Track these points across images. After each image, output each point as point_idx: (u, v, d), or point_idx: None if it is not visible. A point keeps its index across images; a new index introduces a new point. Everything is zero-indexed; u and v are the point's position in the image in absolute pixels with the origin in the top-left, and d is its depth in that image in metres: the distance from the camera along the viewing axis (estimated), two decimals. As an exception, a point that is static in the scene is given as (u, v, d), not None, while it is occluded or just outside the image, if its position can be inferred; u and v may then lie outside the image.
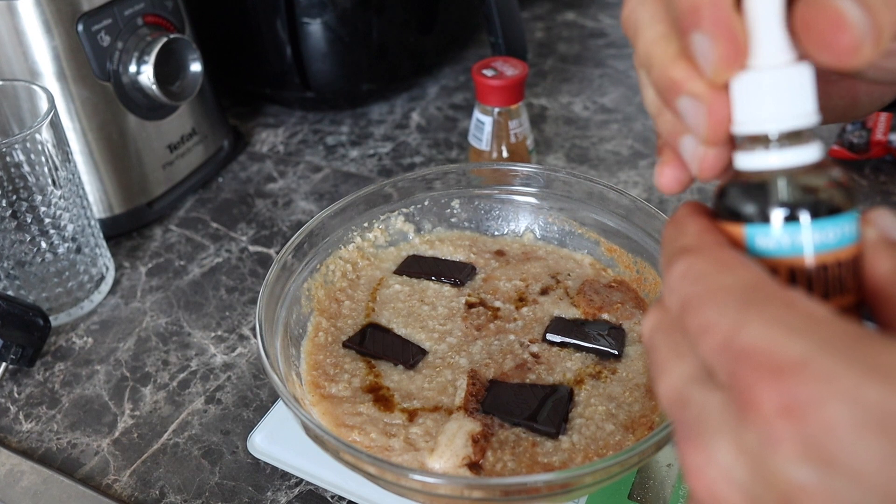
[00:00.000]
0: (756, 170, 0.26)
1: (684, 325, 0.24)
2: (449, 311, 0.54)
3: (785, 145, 0.26)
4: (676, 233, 0.27)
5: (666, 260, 0.27)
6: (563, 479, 0.37)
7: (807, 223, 0.25)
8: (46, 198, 0.61)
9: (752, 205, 0.26)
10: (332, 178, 0.82)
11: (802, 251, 0.25)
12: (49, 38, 0.65)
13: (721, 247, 0.25)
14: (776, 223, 0.25)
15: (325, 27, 0.83)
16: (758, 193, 0.26)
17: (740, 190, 0.26)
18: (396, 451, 0.44)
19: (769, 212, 0.25)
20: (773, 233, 0.25)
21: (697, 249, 0.26)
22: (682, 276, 0.25)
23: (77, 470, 0.54)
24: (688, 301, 0.24)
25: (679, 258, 0.26)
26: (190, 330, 0.64)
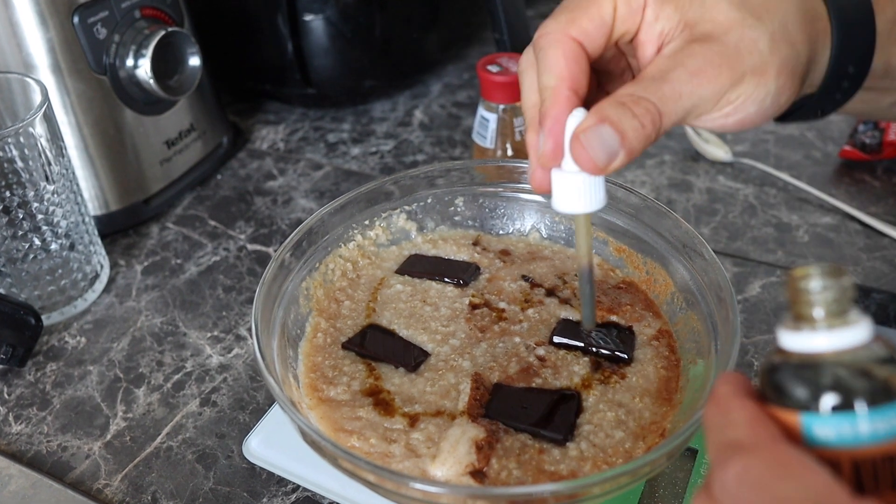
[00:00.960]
0: (805, 352, 0.25)
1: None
2: (452, 312, 0.52)
3: (833, 326, 0.25)
4: (724, 420, 0.26)
5: (716, 453, 0.25)
6: (571, 490, 0.36)
7: (868, 411, 0.24)
8: (39, 193, 0.59)
9: (804, 390, 0.25)
10: (332, 175, 0.81)
11: (865, 441, 0.24)
12: (44, 29, 0.63)
13: (778, 444, 0.24)
14: (834, 412, 0.24)
15: (326, 22, 0.81)
16: (810, 378, 0.25)
17: (791, 373, 0.25)
18: (397, 457, 0.42)
19: (826, 399, 0.24)
20: (833, 422, 0.24)
21: (753, 447, 0.24)
22: (740, 480, 0.24)
23: (67, 474, 0.52)
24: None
25: (733, 456, 0.24)
26: (186, 330, 0.63)
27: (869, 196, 0.74)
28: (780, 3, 0.38)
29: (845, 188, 0.75)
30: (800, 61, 0.39)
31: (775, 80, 0.38)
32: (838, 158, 0.78)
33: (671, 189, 0.76)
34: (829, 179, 0.76)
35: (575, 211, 0.39)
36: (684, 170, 0.78)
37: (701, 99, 0.37)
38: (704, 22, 0.37)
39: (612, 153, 0.35)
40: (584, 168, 0.36)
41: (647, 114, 0.35)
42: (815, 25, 0.39)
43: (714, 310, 0.46)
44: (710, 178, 0.77)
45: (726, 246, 0.69)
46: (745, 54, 0.37)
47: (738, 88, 0.37)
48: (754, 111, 0.38)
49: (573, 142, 0.36)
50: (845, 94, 0.42)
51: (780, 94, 0.38)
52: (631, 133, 0.35)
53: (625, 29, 0.38)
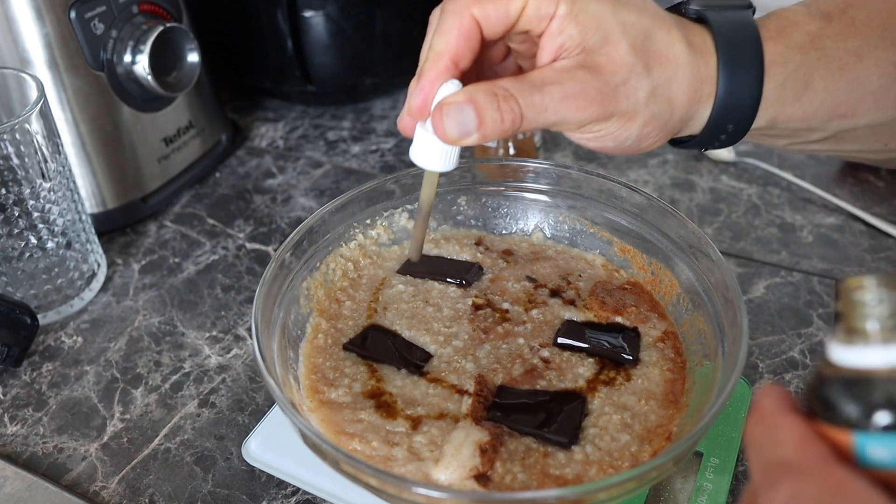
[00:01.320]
0: (858, 367, 0.24)
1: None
2: (455, 312, 0.51)
3: (889, 340, 0.24)
4: (771, 438, 0.25)
5: (762, 473, 0.25)
6: (577, 495, 0.35)
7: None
8: (35, 191, 0.58)
9: (858, 407, 0.24)
10: (332, 174, 0.80)
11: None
12: (40, 24, 0.63)
13: (830, 466, 0.23)
14: (891, 432, 0.23)
15: (327, 19, 0.80)
16: (865, 395, 0.24)
17: (843, 390, 0.24)
18: (399, 461, 0.42)
19: (881, 417, 0.23)
20: (889, 443, 0.23)
21: (803, 469, 0.23)
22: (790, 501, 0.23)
23: (63, 476, 0.51)
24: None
25: (784, 478, 0.23)
26: (184, 330, 0.62)
27: (873, 196, 0.73)
28: (675, 61, 0.40)
29: (849, 188, 0.74)
30: (672, 118, 0.41)
31: (640, 129, 0.40)
32: (842, 159, 0.78)
33: (674, 188, 0.75)
34: (833, 179, 0.76)
35: (425, 167, 0.42)
36: (687, 169, 0.78)
37: (564, 119, 0.39)
38: (600, 54, 0.39)
39: (467, 132, 0.38)
40: (437, 135, 0.39)
41: (510, 112, 0.38)
42: (701, 88, 0.41)
43: (721, 311, 0.46)
44: (713, 177, 0.76)
45: (730, 246, 0.68)
46: (621, 97, 0.39)
47: (603, 124, 0.40)
48: (612, 146, 0.42)
49: (436, 110, 0.39)
50: (723, 143, 0.44)
51: (641, 140, 0.41)
52: (489, 122, 0.38)
53: (528, 27, 0.40)
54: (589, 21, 0.38)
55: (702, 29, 0.42)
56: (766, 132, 0.44)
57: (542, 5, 0.38)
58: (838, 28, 0.42)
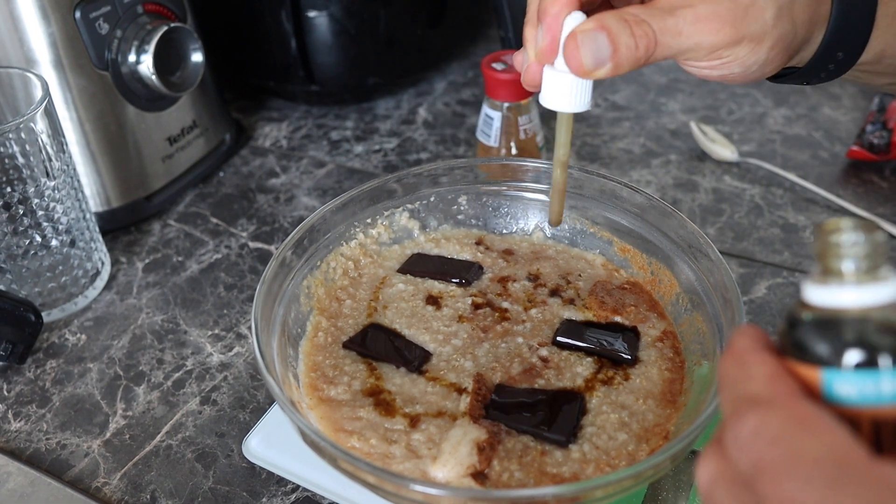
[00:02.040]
0: (831, 306, 0.24)
1: (757, 489, 0.23)
2: (454, 311, 0.52)
3: (863, 281, 0.24)
4: (741, 374, 0.25)
5: (731, 407, 0.25)
6: (574, 492, 0.35)
7: (894, 369, 0.23)
8: (40, 189, 0.59)
9: (828, 345, 0.24)
10: (335, 173, 0.80)
11: (888, 400, 0.23)
12: (46, 24, 0.63)
13: (797, 399, 0.24)
14: (857, 369, 0.23)
15: (331, 19, 0.80)
16: (833, 333, 0.24)
17: (814, 328, 0.24)
18: (397, 458, 0.42)
19: (850, 356, 0.24)
20: (856, 380, 0.23)
21: (770, 402, 0.24)
22: (756, 434, 0.23)
23: (66, 472, 0.52)
24: (763, 465, 0.23)
25: (750, 411, 0.24)
26: (186, 328, 0.62)
27: (877, 197, 0.73)
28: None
29: (853, 189, 0.74)
30: (795, 39, 0.40)
31: (767, 52, 0.39)
32: (846, 159, 0.78)
33: (677, 189, 0.75)
34: (837, 180, 0.75)
35: (560, 108, 0.41)
36: (690, 169, 0.78)
37: (697, 45, 0.38)
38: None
39: (601, 61, 0.37)
40: (572, 67, 0.38)
41: (644, 37, 0.37)
42: (819, 9, 0.40)
43: (720, 311, 0.46)
44: (716, 177, 0.76)
45: (732, 246, 0.68)
46: (751, 19, 0.38)
47: (733, 49, 0.39)
48: (738, 73, 0.40)
49: (569, 40, 0.38)
50: (830, 74, 0.44)
51: (767, 64, 0.40)
52: (623, 49, 0.37)
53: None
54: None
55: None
56: (871, 67, 0.44)
57: None
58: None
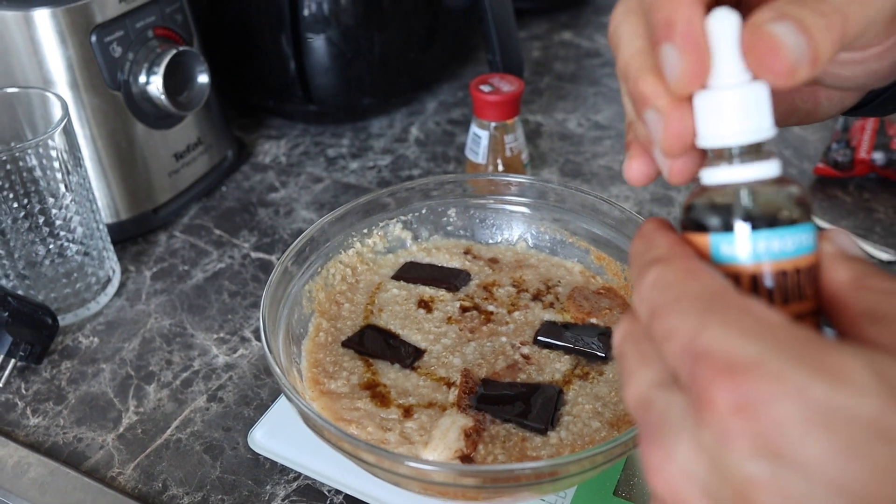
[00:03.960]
0: (720, 184, 0.28)
1: (651, 332, 0.26)
2: (444, 314, 0.56)
3: (746, 161, 0.28)
4: (646, 246, 0.29)
5: (636, 271, 0.28)
6: (551, 467, 0.39)
7: (766, 232, 0.27)
8: (59, 201, 0.63)
9: (716, 216, 0.28)
10: (332, 188, 0.85)
11: (763, 258, 0.27)
12: (63, 48, 0.68)
13: (688, 257, 0.27)
14: (738, 232, 0.28)
15: (328, 42, 0.85)
16: (721, 205, 0.28)
17: (705, 203, 0.28)
18: (392, 444, 0.46)
19: (732, 222, 0.28)
20: (736, 241, 0.28)
21: (667, 259, 0.27)
22: (652, 286, 0.27)
23: (82, 463, 0.56)
24: (655, 308, 0.26)
25: (650, 268, 0.27)
26: (193, 332, 0.67)
27: (840, 211, 0.78)
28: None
29: (819, 203, 0.79)
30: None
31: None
32: (813, 175, 0.83)
33: (654, 203, 0.80)
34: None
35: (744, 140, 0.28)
36: (666, 185, 0.82)
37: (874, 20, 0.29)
38: None
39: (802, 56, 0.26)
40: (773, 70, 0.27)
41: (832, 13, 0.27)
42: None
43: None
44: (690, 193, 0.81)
45: (704, 257, 0.73)
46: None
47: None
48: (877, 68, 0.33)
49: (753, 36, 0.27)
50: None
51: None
52: (818, 33, 0.27)
53: None
54: None
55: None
56: None
57: None
58: None
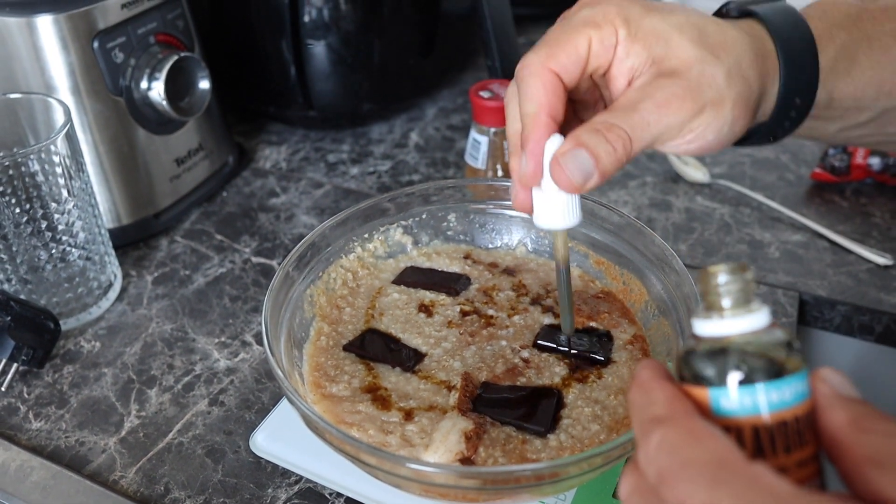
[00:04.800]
0: (713, 336, 0.29)
1: (661, 495, 0.27)
2: (444, 318, 0.56)
3: (738, 314, 0.29)
4: (646, 400, 0.30)
5: (639, 428, 0.29)
6: (550, 469, 0.40)
7: (764, 385, 0.28)
8: (61, 206, 0.63)
9: (713, 369, 0.29)
10: (332, 194, 0.85)
11: (762, 410, 0.28)
12: (65, 54, 0.68)
13: (691, 416, 0.28)
14: (736, 386, 0.28)
15: (328, 49, 0.86)
16: (717, 359, 0.29)
17: (701, 356, 0.29)
18: (393, 447, 0.46)
19: (729, 376, 0.28)
20: (734, 395, 0.28)
21: (669, 419, 0.28)
22: (658, 448, 0.28)
23: (85, 466, 0.56)
24: (664, 473, 0.27)
25: (654, 429, 0.28)
26: (194, 336, 0.67)
27: (837, 215, 0.78)
28: (735, 43, 0.43)
29: (815, 208, 0.80)
30: (752, 95, 0.43)
31: (731, 111, 0.42)
32: (810, 180, 0.83)
33: (652, 208, 0.80)
34: (801, 200, 0.81)
35: (554, 227, 0.44)
36: (664, 190, 0.83)
37: (667, 127, 0.41)
38: (669, 59, 0.41)
39: (588, 174, 0.40)
40: (563, 187, 0.41)
41: (619, 139, 0.40)
42: (766, 63, 0.44)
43: (684, 317, 0.51)
44: (688, 198, 0.82)
45: (702, 261, 0.73)
46: (705, 88, 0.41)
47: (699, 118, 0.42)
48: (713, 138, 0.43)
49: (553, 164, 0.41)
50: (793, 122, 0.47)
51: (735, 123, 0.43)
52: (604, 156, 0.40)
53: (598, 64, 0.43)
54: (648, 35, 0.41)
55: (748, 20, 0.45)
56: (824, 112, 0.46)
57: (605, 37, 0.41)
58: (874, 13, 0.45)
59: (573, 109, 0.48)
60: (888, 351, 0.70)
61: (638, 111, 0.41)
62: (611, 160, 0.40)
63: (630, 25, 0.42)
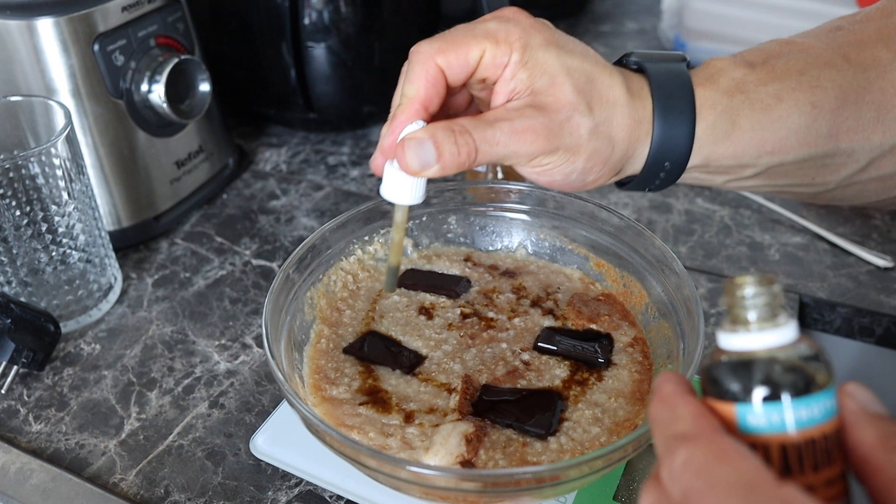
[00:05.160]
0: (740, 350, 0.29)
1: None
2: (445, 321, 0.56)
3: (764, 328, 0.28)
4: (671, 416, 0.29)
5: (664, 444, 0.29)
6: (551, 472, 0.40)
7: (792, 402, 0.27)
8: (61, 208, 0.63)
9: (739, 385, 0.28)
10: (333, 196, 0.85)
11: (791, 428, 0.27)
12: (66, 56, 0.68)
13: (718, 434, 0.28)
14: (763, 403, 0.28)
15: (328, 51, 0.86)
16: (744, 374, 0.28)
17: (727, 370, 0.29)
18: (394, 449, 0.46)
19: (756, 392, 0.28)
20: (761, 412, 0.28)
21: (695, 437, 0.28)
22: (684, 467, 0.27)
23: (85, 469, 0.56)
24: (691, 493, 0.27)
25: (680, 446, 0.28)
26: (194, 338, 0.67)
27: (837, 218, 0.78)
28: (615, 101, 0.44)
29: (815, 210, 0.80)
30: (613, 155, 0.45)
31: (584, 163, 0.45)
32: (809, 183, 0.83)
33: (652, 210, 0.80)
34: (801, 202, 0.81)
35: (394, 201, 0.46)
36: (664, 192, 0.83)
37: (513, 153, 0.43)
38: (546, 95, 0.43)
39: (427, 163, 0.43)
40: (402, 168, 0.44)
41: (466, 146, 0.43)
42: (639, 128, 0.45)
43: (684, 320, 0.51)
44: (688, 200, 0.82)
45: (702, 263, 0.73)
46: (565, 133, 0.43)
47: (550, 157, 0.44)
48: (560, 179, 0.46)
49: (399, 144, 0.44)
50: (664, 181, 0.48)
51: (586, 174, 0.45)
52: (448, 156, 0.43)
53: (486, 75, 0.44)
54: (537, 66, 0.43)
55: (640, 77, 0.46)
56: (702, 170, 0.48)
57: (498, 54, 0.43)
58: (760, 74, 0.46)
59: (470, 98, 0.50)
60: (888, 353, 0.70)
61: (493, 129, 0.43)
62: (453, 161, 0.43)
63: (525, 52, 0.43)
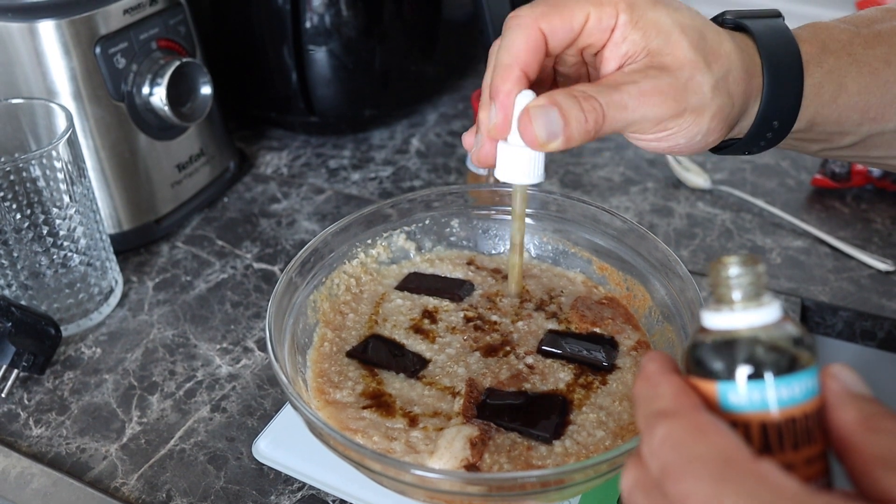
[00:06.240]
0: (723, 329, 0.29)
1: (665, 489, 0.27)
2: (448, 324, 0.56)
3: (748, 307, 0.29)
4: (652, 393, 0.29)
5: (644, 421, 0.29)
6: (556, 476, 0.40)
7: (774, 380, 0.28)
8: (62, 211, 0.63)
9: (721, 363, 0.28)
10: (334, 199, 0.85)
11: (772, 406, 0.28)
12: (67, 59, 0.68)
13: (697, 411, 0.28)
14: (746, 381, 0.28)
15: (330, 55, 0.86)
16: (726, 352, 0.28)
17: (710, 348, 0.29)
18: (398, 453, 0.46)
19: (738, 370, 0.28)
20: (743, 390, 0.28)
21: (675, 414, 0.28)
22: (662, 442, 0.27)
23: (86, 473, 0.56)
24: (668, 468, 0.27)
25: (659, 422, 0.28)
26: (196, 342, 0.67)
27: (838, 221, 0.78)
28: (728, 56, 0.42)
29: (816, 214, 0.80)
30: (733, 111, 0.43)
31: (708, 122, 0.42)
32: (810, 186, 0.83)
33: (653, 214, 0.80)
34: (802, 206, 0.81)
35: (516, 181, 0.44)
36: (666, 196, 0.83)
37: (643, 117, 0.41)
38: (665, 54, 0.41)
39: (553, 134, 0.40)
40: (527, 141, 0.41)
41: (593, 111, 0.39)
42: (752, 82, 0.44)
43: (688, 323, 0.51)
44: (690, 204, 0.82)
45: (704, 267, 0.73)
46: (690, 93, 0.41)
47: (677, 120, 0.42)
48: (684, 143, 0.43)
49: (522, 116, 0.40)
50: (769, 142, 0.46)
51: (709, 134, 0.43)
52: (574, 123, 0.39)
53: (591, 41, 0.42)
54: (649, 26, 0.41)
55: (741, 34, 0.45)
56: (804, 135, 0.46)
57: (604, 17, 0.41)
58: (866, 37, 0.45)
59: (556, 81, 0.47)
60: (890, 357, 0.70)
61: (620, 92, 0.40)
62: (579, 129, 0.39)
63: (634, 12, 0.41)
